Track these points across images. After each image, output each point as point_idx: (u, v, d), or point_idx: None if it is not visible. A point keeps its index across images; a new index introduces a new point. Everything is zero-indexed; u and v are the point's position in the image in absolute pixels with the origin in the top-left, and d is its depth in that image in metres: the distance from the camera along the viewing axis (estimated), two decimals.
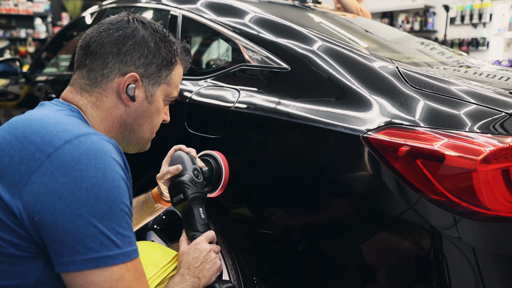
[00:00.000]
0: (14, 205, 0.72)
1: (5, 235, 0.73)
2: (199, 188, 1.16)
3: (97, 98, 0.91)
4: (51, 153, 0.73)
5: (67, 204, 0.71)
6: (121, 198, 0.75)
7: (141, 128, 0.98)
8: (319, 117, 1.15)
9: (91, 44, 0.91)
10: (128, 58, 0.91)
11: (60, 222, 0.71)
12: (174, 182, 1.17)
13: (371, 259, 1.10)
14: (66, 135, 0.75)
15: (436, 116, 1.05)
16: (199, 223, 1.13)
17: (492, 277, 1.00)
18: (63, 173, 0.72)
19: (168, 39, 0.97)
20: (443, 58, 1.78)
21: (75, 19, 2.76)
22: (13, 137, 0.76)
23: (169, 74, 0.98)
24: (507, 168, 0.95)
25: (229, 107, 1.35)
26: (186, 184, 1.14)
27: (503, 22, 5.53)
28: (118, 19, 0.93)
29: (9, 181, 0.73)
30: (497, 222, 0.98)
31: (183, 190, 1.14)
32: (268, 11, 1.55)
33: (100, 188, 0.73)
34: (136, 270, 0.77)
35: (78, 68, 0.93)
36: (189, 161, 1.19)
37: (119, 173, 0.76)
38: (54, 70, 3.04)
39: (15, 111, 3.02)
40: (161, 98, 0.98)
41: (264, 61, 1.39)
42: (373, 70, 1.20)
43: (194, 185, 1.15)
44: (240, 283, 1.36)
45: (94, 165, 0.73)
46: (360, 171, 1.09)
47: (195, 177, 1.16)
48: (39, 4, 7.89)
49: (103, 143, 0.77)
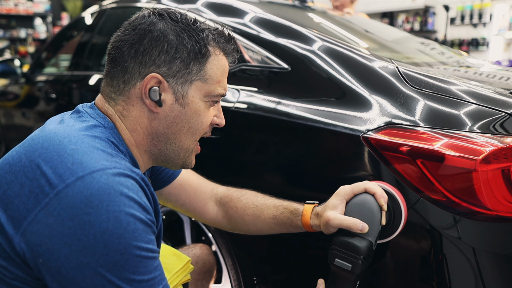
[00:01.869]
0: (16, 242, 0.67)
1: (10, 267, 0.69)
2: (370, 259, 0.91)
3: (124, 108, 0.81)
4: (60, 190, 0.66)
5: (72, 250, 0.64)
6: (136, 243, 0.67)
7: (179, 136, 0.84)
8: (319, 117, 1.15)
9: (111, 50, 0.82)
10: (147, 57, 0.78)
11: (65, 270, 0.65)
12: (348, 242, 0.90)
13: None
14: (80, 170, 0.67)
15: (436, 116, 1.05)
16: None
17: (492, 277, 1.00)
18: (70, 216, 0.65)
19: (193, 27, 0.81)
20: (443, 58, 1.78)
21: (75, 19, 2.76)
22: (28, 161, 0.70)
23: (202, 68, 0.82)
24: (507, 168, 0.95)
25: (229, 107, 1.35)
26: (362, 256, 0.88)
27: (503, 22, 5.54)
28: (136, 16, 0.83)
29: (15, 213, 0.67)
30: (497, 222, 0.98)
31: (353, 262, 0.88)
32: (268, 11, 1.55)
33: (111, 235, 0.65)
34: None
35: (105, 76, 0.84)
36: (378, 220, 0.91)
37: (135, 214, 0.67)
38: (54, 70, 3.04)
39: (15, 111, 3.02)
40: (198, 99, 0.83)
41: (264, 61, 1.39)
42: (373, 70, 1.20)
43: (370, 256, 0.90)
44: (240, 283, 1.36)
45: (105, 208, 0.65)
46: (360, 171, 1.09)
47: (374, 244, 0.91)
48: (39, 4, 7.90)
49: (120, 180, 0.68)
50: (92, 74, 2.15)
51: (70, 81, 2.34)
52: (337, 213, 0.92)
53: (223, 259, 1.38)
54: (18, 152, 0.72)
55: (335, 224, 0.91)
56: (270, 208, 1.05)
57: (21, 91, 2.98)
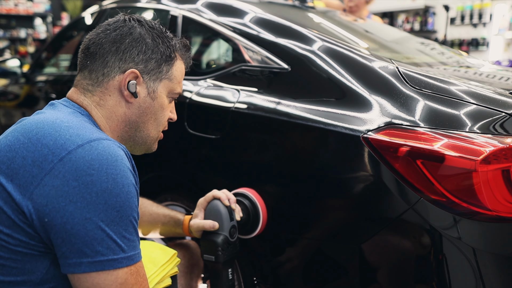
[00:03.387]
0: (24, 205, 0.74)
1: (14, 233, 0.75)
2: (233, 249, 1.14)
3: (100, 98, 0.92)
4: (64, 156, 0.75)
5: (77, 207, 0.73)
6: (129, 204, 0.77)
7: (146, 125, 0.97)
8: (319, 117, 1.15)
9: (90, 46, 0.93)
10: (127, 55, 0.91)
11: (70, 225, 0.73)
12: (207, 239, 1.14)
13: (372, 259, 1.10)
14: (79, 140, 0.77)
15: (436, 116, 1.05)
16: (225, 285, 1.13)
17: (492, 277, 1.00)
18: (75, 177, 0.73)
19: (165, 35, 0.97)
20: (443, 58, 1.78)
21: (75, 19, 2.76)
22: (26, 139, 0.77)
23: (170, 69, 0.97)
24: (507, 169, 0.95)
25: (229, 107, 1.35)
26: (219, 247, 1.11)
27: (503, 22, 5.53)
28: (114, 20, 0.95)
29: (21, 181, 0.74)
30: (497, 222, 0.98)
31: (216, 254, 1.11)
32: (268, 11, 1.55)
33: (110, 193, 0.74)
34: (139, 274, 0.79)
35: (80, 70, 0.94)
36: (227, 218, 1.14)
37: (129, 179, 0.78)
38: (54, 70, 3.03)
39: (15, 111, 3.02)
40: (164, 94, 0.97)
41: (264, 61, 1.39)
42: (373, 70, 1.20)
43: (228, 247, 1.12)
44: (240, 283, 1.36)
45: (105, 170, 0.75)
46: (360, 172, 1.09)
47: (230, 236, 1.13)
48: (39, 4, 7.90)
49: (114, 148, 0.79)
50: None
51: (70, 81, 2.34)
52: (197, 220, 1.18)
53: None
54: (13, 136, 0.80)
55: (196, 229, 1.17)
56: (160, 217, 1.24)
57: (21, 91, 2.98)
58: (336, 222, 1.16)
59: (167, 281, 1.08)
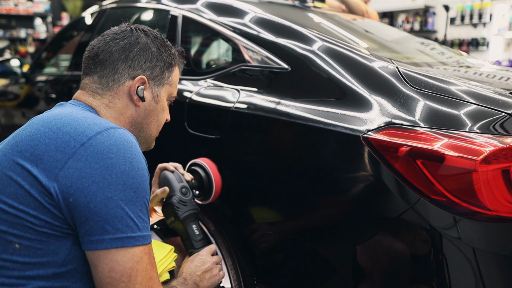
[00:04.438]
0: (51, 186, 0.80)
1: (40, 214, 0.80)
2: (189, 206, 1.22)
3: (110, 100, 0.99)
4: (85, 142, 0.82)
5: (99, 187, 0.80)
6: (144, 186, 0.85)
7: (149, 126, 1.06)
8: (319, 117, 1.15)
9: (99, 53, 1.00)
10: (136, 63, 1.00)
11: (93, 204, 0.79)
12: (164, 203, 1.23)
13: (371, 259, 1.10)
14: (97, 127, 0.85)
15: (436, 116, 1.05)
16: (194, 240, 1.20)
17: (492, 278, 1.00)
18: (96, 160, 0.81)
19: (166, 44, 1.07)
20: (443, 58, 1.78)
21: (75, 19, 2.76)
22: (47, 129, 0.84)
23: (170, 75, 1.07)
24: (507, 169, 0.95)
25: (229, 107, 1.35)
26: (175, 206, 1.20)
27: (503, 22, 5.53)
28: (121, 29, 1.03)
29: (46, 165, 0.80)
30: (497, 222, 0.98)
31: (174, 213, 1.20)
32: (268, 11, 1.55)
33: (127, 175, 0.82)
34: (150, 255, 0.87)
35: (88, 75, 1.01)
36: (175, 180, 1.24)
37: (143, 164, 0.86)
38: (54, 70, 3.04)
39: (15, 111, 3.02)
40: (165, 98, 1.07)
41: (264, 61, 1.39)
42: (373, 70, 1.20)
43: (183, 204, 1.21)
44: (240, 283, 1.36)
45: (122, 154, 0.83)
46: (360, 171, 1.09)
47: (183, 195, 1.22)
48: (39, 4, 7.89)
49: (129, 136, 0.87)
50: None
51: (70, 81, 2.34)
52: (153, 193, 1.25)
53: (223, 259, 1.38)
54: (32, 127, 0.86)
55: (154, 202, 1.25)
56: None
57: (21, 91, 2.98)
58: (336, 222, 1.16)
59: (165, 276, 1.09)
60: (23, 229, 0.81)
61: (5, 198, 0.81)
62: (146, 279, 0.84)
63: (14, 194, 0.81)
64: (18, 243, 0.81)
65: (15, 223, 0.81)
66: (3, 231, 0.81)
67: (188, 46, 1.82)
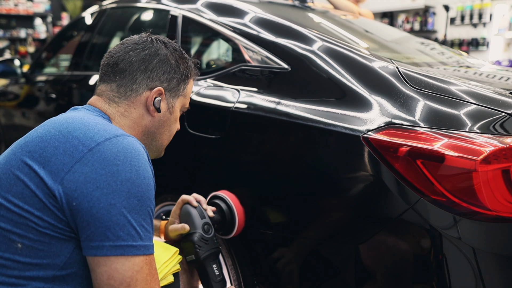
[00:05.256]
0: (56, 189, 0.80)
1: (44, 216, 0.81)
2: (211, 245, 1.18)
3: (125, 109, 1.00)
4: (93, 147, 0.82)
5: (103, 193, 0.79)
6: (148, 196, 0.84)
7: (162, 136, 1.07)
8: (319, 117, 1.15)
9: (119, 62, 1.00)
10: (154, 74, 1.01)
11: (96, 209, 0.79)
12: (184, 239, 1.19)
13: (371, 259, 1.10)
14: (106, 134, 0.85)
15: (436, 116, 1.05)
16: (213, 281, 1.17)
17: (492, 277, 1.00)
18: (102, 166, 0.81)
19: (184, 56, 1.08)
20: (443, 58, 1.78)
21: (75, 19, 2.76)
22: (57, 132, 0.85)
23: (185, 87, 1.08)
24: (507, 169, 0.95)
25: (229, 107, 1.35)
26: (196, 244, 1.16)
27: (503, 22, 5.53)
28: (142, 39, 1.03)
29: (53, 168, 0.81)
30: (497, 222, 0.98)
31: (195, 252, 1.16)
32: (268, 11, 1.55)
33: (132, 183, 0.81)
34: (152, 266, 0.85)
35: (106, 82, 1.01)
36: (198, 217, 1.19)
37: (149, 173, 0.86)
38: (54, 70, 3.03)
39: (15, 111, 3.02)
40: (178, 109, 1.09)
41: (264, 61, 1.39)
42: (373, 70, 1.20)
43: (205, 243, 1.17)
44: (240, 283, 1.36)
45: (129, 162, 0.83)
46: (360, 171, 1.08)
47: (205, 233, 1.18)
48: (39, 4, 7.89)
49: (137, 144, 0.87)
50: (92, 74, 2.15)
51: (70, 81, 2.34)
52: (172, 226, 1.21)
53: (223, 259, 1.38)
54: (44, 129, 0.87)
55: (172, 235, 1.21)
56: None
57: (21, 91, 2.98)
58: (336, 222, 1.16)
59: (170, 278, 1.09)
60: (27, 229, 0.81)
61: (11, 197, 0.82)
62: None
63: (20, 193, 0.81)
64: (21, 243, 0.81)
65: (19, 223, 0.81)
66: (7, 230, 0.82)
67: (188, 46, 1.82)
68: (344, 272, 1.16)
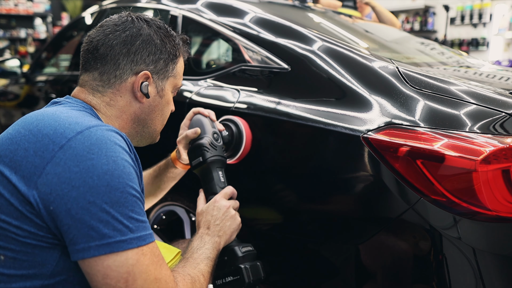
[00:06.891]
0: (30, 195, 0.74)
1: (23, 224, 0.75)
2: (219, 151, 1.17)
3: (111, 98, 0.93)
4: (64, 144, 0.76)
5: (80, 192, 0.73)
6: (132, 184, 0.78)
7: (154, 121, 1.01)
8: (319, 117, 1.15)
9: (99, 47, 0.93)
10: (138, 57, 0.93)
11: (74, 210, 0.73)
12: (193, 145, 1.17)
13: (371, 259, 1.10)
14: (78, 127, 0.78)
15: (436, 116, 1.05)
16: (218, 186, 1.13)
17: (492, 278, 1.00)
18: (76, 163, 0.74)
19: (170, 34, 1.00)
20: (443, 58, 1.78)
21: (75, 19, 2.76)
22: (27, 131, 0.79)
23: (175, 67, 1.01)
24: (507, 169, 0.95)
25: (229, 107, 1.35)
26: (205, 147, 1.14)
27: (503, 22, 5.53)
28: (122, 19, 0.95)
29: (25, 172, 0.75)
30: (497, 222, 0.98)
31: (202, 153, 1.14)
32: (268, 11, 1.55)
33: (111, 175, 0.75)
34: (154, 254, 0.79)
35: (87, 71, 0.94)
36: (209, 124, 1.19)
37: (128, 160, 0.79)
38: (54, 70, 3.03)
39: (15, 111, 3.02)
40: (169, 91, 1.02)
41: (264, 61, 1.39)
42: (373, 70, 1.20)
43: (213, 148, 1.15)
44: None
45: (105, 153, 0.76)
46: (360, 171, 1.08)
47: (214, 140, 1.17)
48: (39, 4, 7.89)
49: (112, 133, 0.80)
50: None
51: (70, 81, 2.34)
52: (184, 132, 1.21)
53: None
54: (14, 129, 0.81)
55: (182, 140, 1.20)
56: (153, 172, 1.30)
57: (21, 91, 2.98)
58: (336, 222, 1.16)
59: None
60: (7, 240, 0.76)
61: None
62: (149, 281, 0.77)
63: None
64: (3, 255, 0.76)
65: None
66: None
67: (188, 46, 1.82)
68: (344, 272, 1.16)
